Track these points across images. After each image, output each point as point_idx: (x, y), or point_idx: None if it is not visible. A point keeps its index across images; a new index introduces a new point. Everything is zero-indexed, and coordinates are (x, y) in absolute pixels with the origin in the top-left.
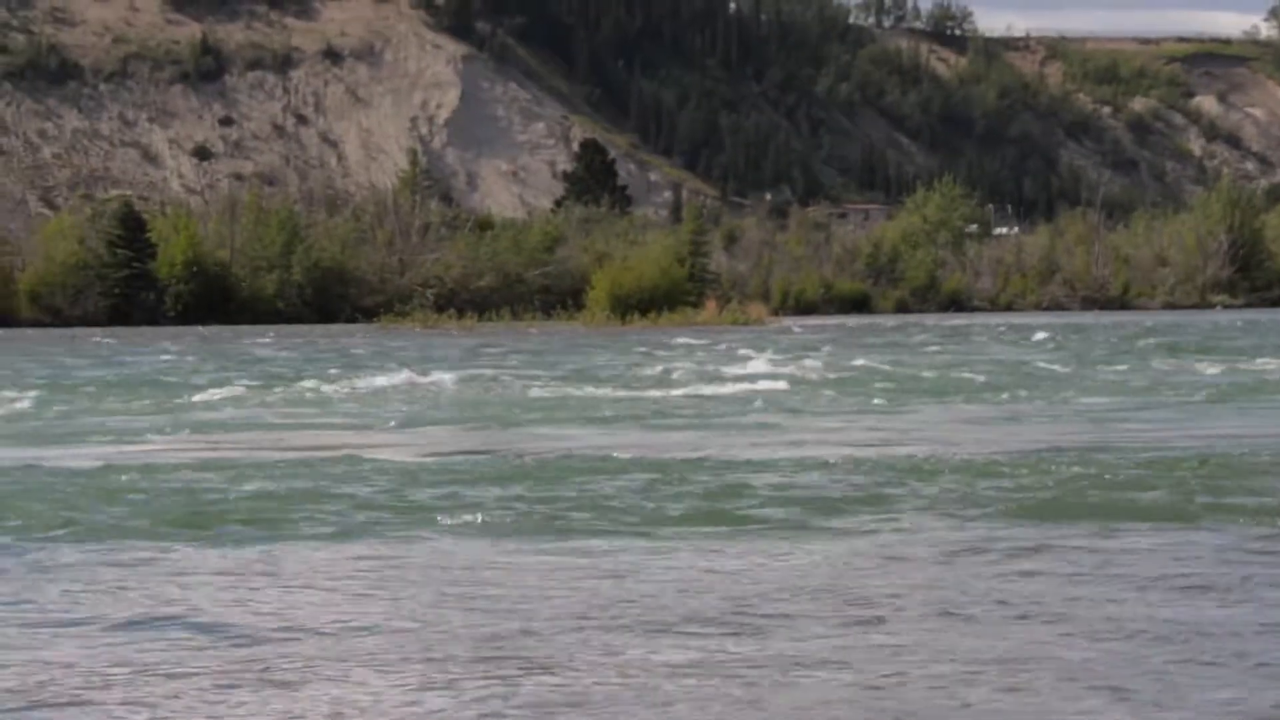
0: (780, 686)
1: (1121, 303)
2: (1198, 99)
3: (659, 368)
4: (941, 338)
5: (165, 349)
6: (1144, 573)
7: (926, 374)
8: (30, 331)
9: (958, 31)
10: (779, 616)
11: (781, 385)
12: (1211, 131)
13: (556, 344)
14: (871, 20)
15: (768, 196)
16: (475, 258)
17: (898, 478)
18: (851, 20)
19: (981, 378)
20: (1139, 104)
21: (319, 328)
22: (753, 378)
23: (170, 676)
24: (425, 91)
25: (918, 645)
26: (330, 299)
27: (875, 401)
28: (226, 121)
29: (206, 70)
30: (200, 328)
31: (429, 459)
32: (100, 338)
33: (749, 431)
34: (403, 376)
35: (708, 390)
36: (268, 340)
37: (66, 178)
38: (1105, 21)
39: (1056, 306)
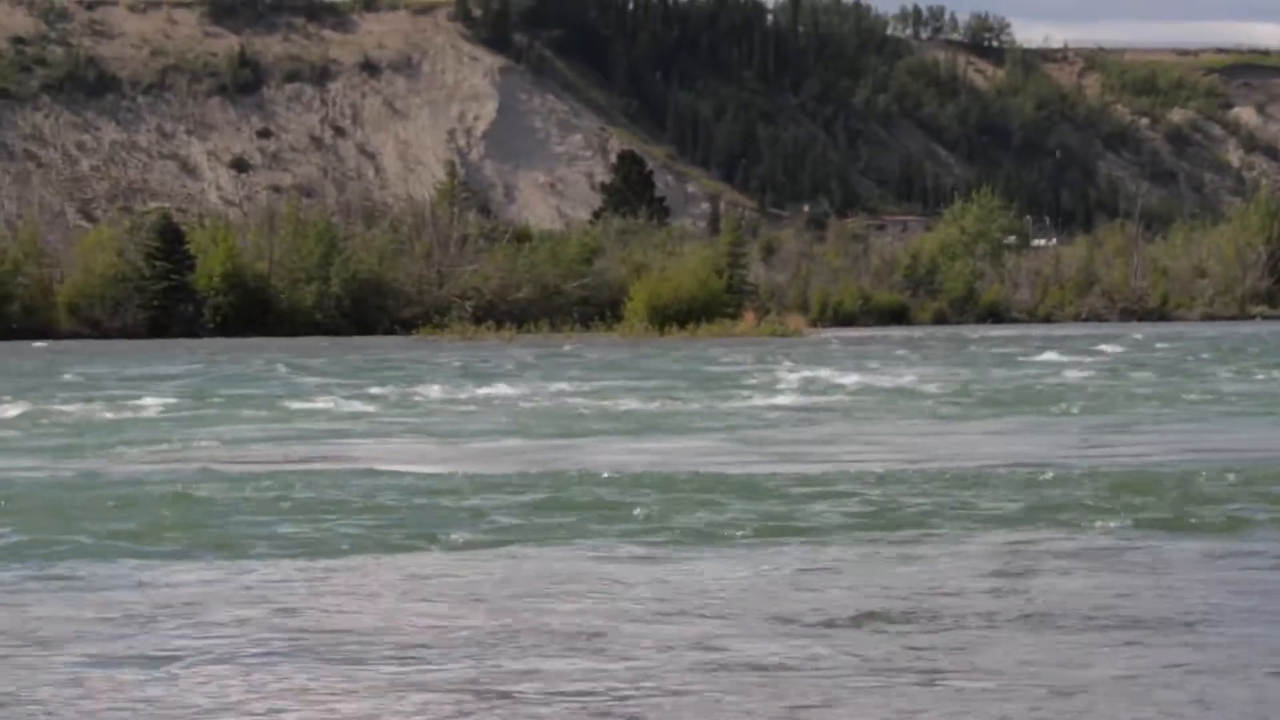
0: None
1: (1160, 314)
2: (1236, 110)
3: (760, 377)
4: (1018, 349)
5: (267, 359)
6: None
7: (1038, 385)
8: (74, 344)
9: (995, 43)
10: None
11: (880, 397)
12: (1250, 142)
13: (624, 355)
14: (909, 32)
15: (805, 208)
16: (513, 269)
17: (1030, 487)
18: (889, 32)
19: (1091, 386)
20: (1177, 115)
21: (364, 339)
22: (853, 388)
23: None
24: (463, 103)
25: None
26: (368, 310)
27: (995, 411)
28: (264, 133)
29: (244, 82)
30: (242, 339)
31: (554, 467)
32: (190, 349)
33: (865, 441)
34: (520, 387)
35: (806, 400)
36: (348, 353)
37: (105, 190)
38: (1143, 32)
39: (1095, 318)
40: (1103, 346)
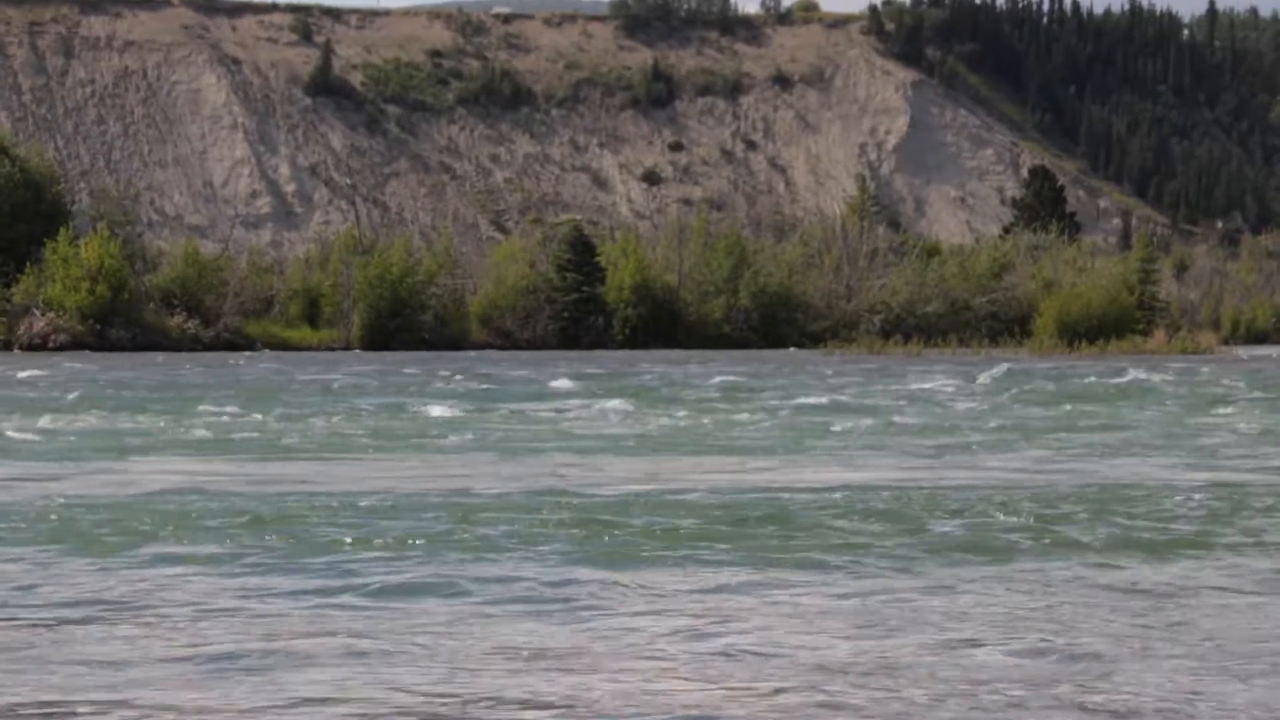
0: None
1: None
2: None
3: None
4: None
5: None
6: None
7: None
8: (491, 353)
9: None
10: None
11: None
12: None
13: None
14: None
15: (1219, 224)
16: (922, 284)
17: None
18: None
19: None
20: None
21: (777, 353)
22: None
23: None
24: (874, 117)
25: None
26: (776, 324)
27: None
28: (676, 147)
29: (657, 96)
30: (649, 351)
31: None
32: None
33: None
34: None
35: None
36: (920, 366)
37: (518, 202)
38: None
39: None
40: None
